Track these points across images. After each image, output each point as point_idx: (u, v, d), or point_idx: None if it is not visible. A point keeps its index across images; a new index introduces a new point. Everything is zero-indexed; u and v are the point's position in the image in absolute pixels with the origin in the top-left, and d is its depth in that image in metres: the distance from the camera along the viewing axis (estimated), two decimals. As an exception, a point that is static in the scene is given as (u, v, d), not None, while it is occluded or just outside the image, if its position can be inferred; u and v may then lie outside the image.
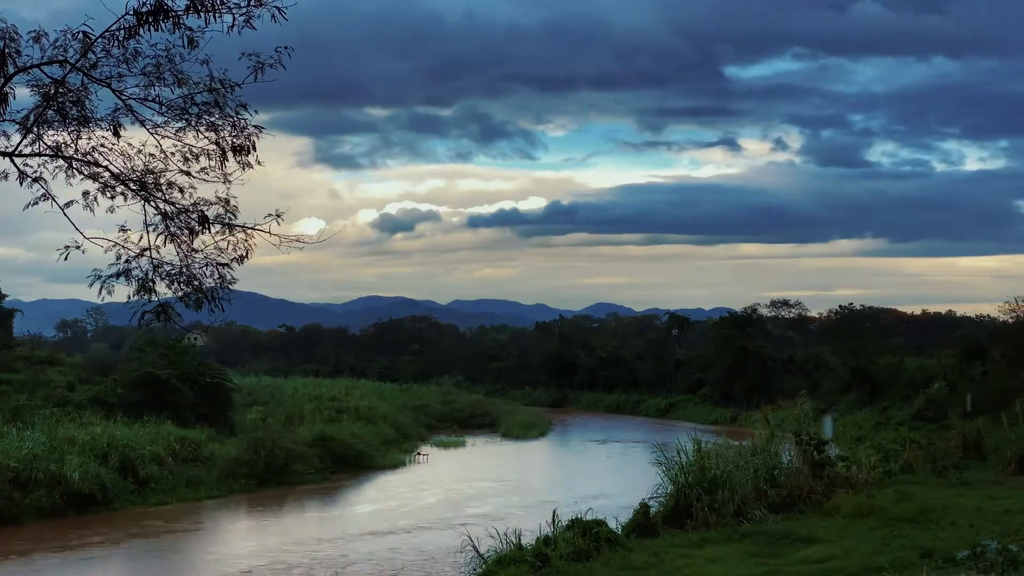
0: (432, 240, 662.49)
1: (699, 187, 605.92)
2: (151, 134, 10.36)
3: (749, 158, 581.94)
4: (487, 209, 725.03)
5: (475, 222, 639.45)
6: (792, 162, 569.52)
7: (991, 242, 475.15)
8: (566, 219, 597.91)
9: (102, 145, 10.35)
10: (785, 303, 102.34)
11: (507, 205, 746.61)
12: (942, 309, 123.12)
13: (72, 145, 10.33)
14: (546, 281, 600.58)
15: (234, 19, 9.43)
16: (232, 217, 10.59)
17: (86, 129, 10.23)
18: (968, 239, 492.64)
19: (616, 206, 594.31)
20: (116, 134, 10.21)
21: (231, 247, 10.61)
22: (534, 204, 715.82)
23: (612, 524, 20.61)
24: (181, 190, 10.53)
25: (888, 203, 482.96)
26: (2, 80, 9.52)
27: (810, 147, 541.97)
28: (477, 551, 20.01)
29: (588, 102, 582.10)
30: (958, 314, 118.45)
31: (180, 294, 10.81)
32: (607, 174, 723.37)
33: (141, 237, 10.57)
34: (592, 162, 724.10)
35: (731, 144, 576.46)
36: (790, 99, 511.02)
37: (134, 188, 10.50)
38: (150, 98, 10.08)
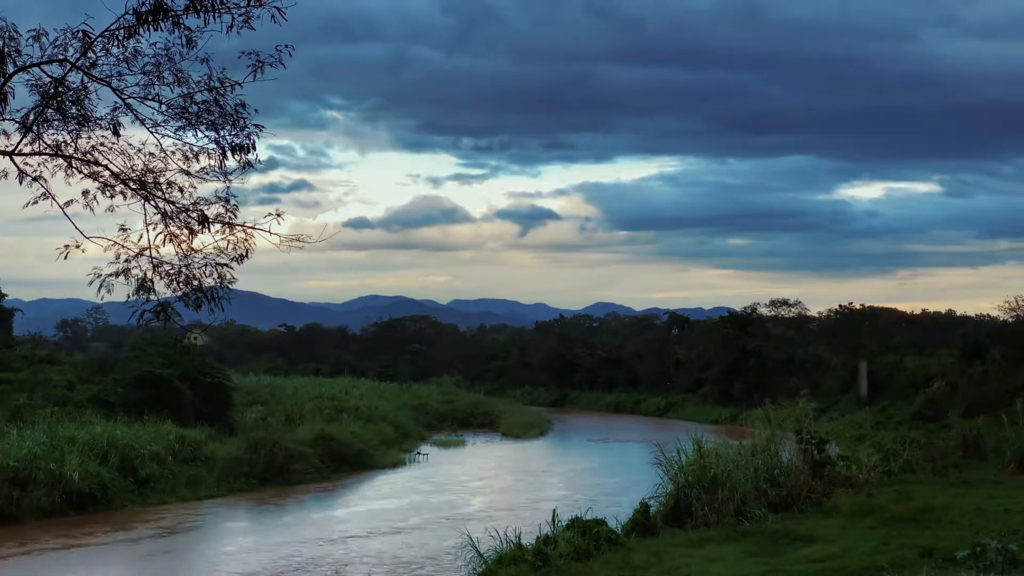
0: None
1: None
2: (151, 133, 10.37)
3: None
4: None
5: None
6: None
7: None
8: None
9: (102, 144, 10.35)
10: (785, 303, 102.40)
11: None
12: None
13: (72, 144, 10.34)
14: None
15: (233, 19, 9.43)
16: (232, 216, 10.60)
17: (86, 128, 10.23)
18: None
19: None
20: (116, 133, 10.21)
21: (231, 246, 10.61)
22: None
23: (612, 523, 20.60)
24: (181, 189, 10.53)
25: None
26: (2, 79, 9.52)
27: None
28: (477, 550, 20.01)
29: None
30: (958, 313, 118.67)
31: (180, 293, 10.81)
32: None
33: (141, 236, 10.57)
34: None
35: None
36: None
37: (134, 187, 10.50)
38: (150, 97, 10.08)
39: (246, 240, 10.56)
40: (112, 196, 10.48)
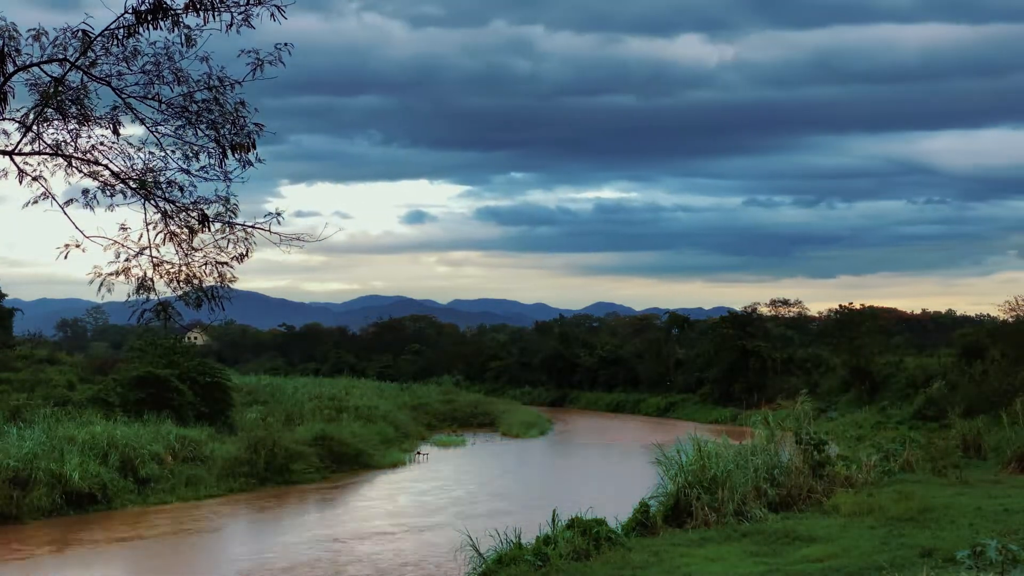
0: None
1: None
2: (151, 132, 10.36)
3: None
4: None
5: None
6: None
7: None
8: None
9: (102, 143, 10.35)
10: (785, 302, 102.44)
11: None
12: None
13: (72, 143, 10.33)
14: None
15: (232, 18, 9.43)
16: (232, 216, 10.58)
17: (86, 127, 10.22)
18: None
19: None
20: (116, 132, 10.21)
21: (231, 246, 10.60)
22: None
23: (612, 523, 20.60)
24: (181, 188, 10.52)
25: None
26: (2, 79, 9.52)
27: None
28: (477, 550, 20.00)
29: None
30: (958, 313, 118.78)
31: (180, 293, 10.80)
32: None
33: (141, 236, 10.56)
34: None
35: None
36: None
37: (134, 186, 10.49)
38: (150, 96, 10.07)
39: (246, 239, 10.56)
40: (112, 195, 10.48)
